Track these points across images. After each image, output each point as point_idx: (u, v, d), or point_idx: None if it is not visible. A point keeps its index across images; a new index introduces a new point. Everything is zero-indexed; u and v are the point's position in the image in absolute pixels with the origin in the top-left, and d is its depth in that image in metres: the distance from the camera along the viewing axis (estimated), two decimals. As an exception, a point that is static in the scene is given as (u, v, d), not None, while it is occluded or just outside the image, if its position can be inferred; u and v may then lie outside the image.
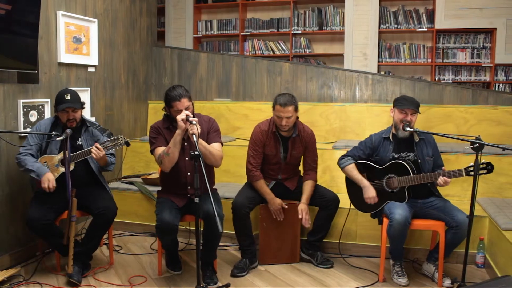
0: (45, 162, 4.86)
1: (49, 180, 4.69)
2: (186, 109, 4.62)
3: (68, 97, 4.83)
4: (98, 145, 4.71)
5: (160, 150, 4.71)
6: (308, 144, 5.36)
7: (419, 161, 4.90)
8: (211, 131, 4.92)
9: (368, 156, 5.11)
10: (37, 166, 4.75)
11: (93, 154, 4.71)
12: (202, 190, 4.09)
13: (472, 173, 4.22)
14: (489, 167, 4.29)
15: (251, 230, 5.25)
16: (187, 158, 4.81)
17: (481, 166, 4.26)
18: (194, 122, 4.37)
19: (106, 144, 4.75)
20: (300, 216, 5.16)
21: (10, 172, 5.20)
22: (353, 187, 5.21)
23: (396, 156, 4.93)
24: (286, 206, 5.22)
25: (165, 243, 4.91)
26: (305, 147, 5.36)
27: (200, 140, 4.57)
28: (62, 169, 4.82)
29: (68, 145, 4.56)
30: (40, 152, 4.92)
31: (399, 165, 4.83)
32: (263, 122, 5.38)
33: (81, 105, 4.97)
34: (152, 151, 4.85)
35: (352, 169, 5.11)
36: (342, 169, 5.20)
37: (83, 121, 5.10)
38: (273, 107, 5.13)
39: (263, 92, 7.94)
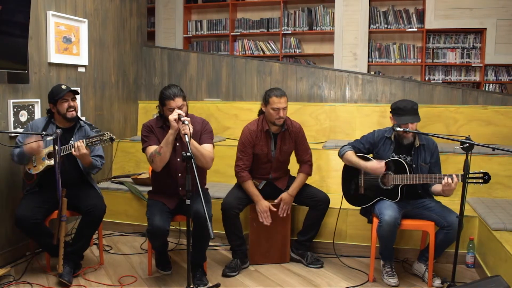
0: (34, 155, 4.84)
1: (30, 145, 4.68)
2: (180, 108, 4.63)
3: (64, 86, 4.90)
4: (79, 142, 4.68)
5: (152, 149, 4.70)
6: (298, 138, 5.38)
7: (414, 166, 4.90)
8: (204, 133, 4.91)
9: (368, 151, 5.09)
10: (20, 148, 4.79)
11: (73, 151, 4.70)
12: (194, 191, 4.09)
13: (468, 180, 4.20)
14: (486, 177, 4.29)
15: (241, 231, 5.25)
16: (178, 159, 4.81)
17: (477, 175, 4.27)
18: (186, 122, 4.37)
19: (92, 140, 4.70)
20: (276, 201, 5.28)
21: (0, 172, 5.18)
22: (347, 180, 5.21)
23: (395, 156, 4.93)
24: (274, 209, 5.23)
25: (155, 246, 4.92)
26: (295, 142, 5.39)
27: (192, 141, 4.55)
28: (48, 162, 4.80)
29: (58, 144, 4.54)
30: None
31: (397, 163, 4.83)
32: (251, 123, 5.38)
33: (76, 94, 5.02)
34: (143, 150, 4.85)
35: (351, 154, 5.03)
36: (342, 156, 5.14)
37: (77, 121, 5.10)
38: (267, 101, 5.15)
39: (253, 92, 7.95)
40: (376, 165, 4.84)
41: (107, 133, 4.70)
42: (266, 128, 5.25)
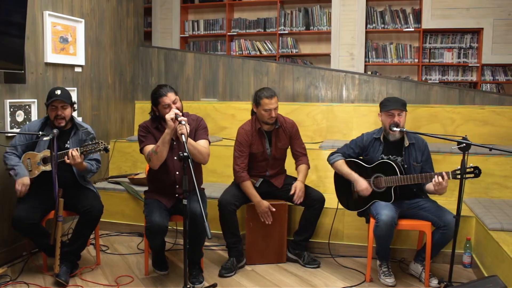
0: (29, 158, 4.84)
1: (23, 184, 4.71)
2: (174, 102, 4.65)
3: (58, 92, 4.82)
4: (74, 151, 4.67)
5: (149, 148, 4.70)
6: (292, 133, 5.42)
7: (405, 166, 4.90)
8: (199, 129, 4.93)
9: (358, 155, 5.11)
10: (19, 166, 4.77)
11: (65, 159, 4.69)
12: (191, 190, 4.08)
13: (459, 176, 4.20)
14: (476, 171, 4.28)
15: (238, 228, 5.25)
16: (175, 158, 4.79)
17: (468, 170, 4.27)
18: (183, 122, 4.37)
19: (87, 148, 4.69)
20: (291, 192, 5.23)
21: (-4, 172, 5.18)
22: (340, 185, 5.22)
23: (385, 157, 4.93)
24: (274, 209, 5.23)
25: (154, 245, 4.89)
26: (290, 138, 5.42)
27: (189, 139, 4.56)
28: (43, 168, 4.81)
29: (55, 145, 4.53)
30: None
31: (387, 165, 4.83)
32: (245, 123, 5.42)
33: (71, 102, 4.94)
34: (141, 150, 4.84)
35: (342, 164, 5.09)
36: (332, 164, 5.18)
37: (73, 124, 5.08)
38: (258, 102, 5.18)
39: (250, 92, 7.92)
40: (363, 185, 4.94)
41: (101, 142, 4.68)
42: (258, 127, 5.27)
